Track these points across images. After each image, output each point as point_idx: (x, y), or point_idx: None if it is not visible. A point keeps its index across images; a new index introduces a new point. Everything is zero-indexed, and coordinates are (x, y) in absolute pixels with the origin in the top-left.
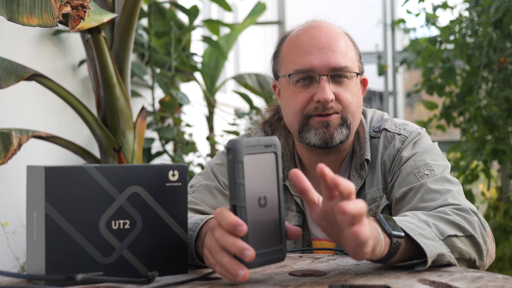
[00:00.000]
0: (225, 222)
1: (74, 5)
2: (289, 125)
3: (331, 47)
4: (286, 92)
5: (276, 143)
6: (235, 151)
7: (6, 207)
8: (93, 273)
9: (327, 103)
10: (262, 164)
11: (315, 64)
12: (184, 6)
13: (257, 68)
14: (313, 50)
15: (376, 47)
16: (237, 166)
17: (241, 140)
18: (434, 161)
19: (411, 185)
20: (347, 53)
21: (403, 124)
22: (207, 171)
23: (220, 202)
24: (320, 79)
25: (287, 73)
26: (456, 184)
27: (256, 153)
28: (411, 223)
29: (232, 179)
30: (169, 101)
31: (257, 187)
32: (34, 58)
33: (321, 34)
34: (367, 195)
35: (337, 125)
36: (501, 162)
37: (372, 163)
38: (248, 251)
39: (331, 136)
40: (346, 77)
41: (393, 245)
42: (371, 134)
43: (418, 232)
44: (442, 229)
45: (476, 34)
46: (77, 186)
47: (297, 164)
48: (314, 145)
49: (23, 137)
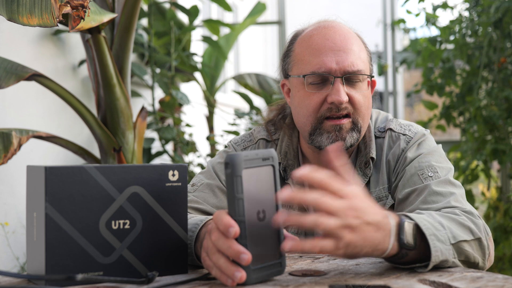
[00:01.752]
0: (220, 223)
1: (74, 5)
2: (300, 126)
3: (345, 49)
4: (299, 93)
5: (273, 155)
6: (234, 166)
7: (6, 207)
8: (93, 273)
9: (341, 104)
10: (260, 177)
11: (331, 66)
12: (184, 6)
13: (257, 68)
14: (328, 52)
15: (376, 47)
16: (236, 180)
17: (239, 154)
18: (438, 163)
19: (414, 186)
20: (360, 56)
21: (408, 125)
22: (208, 170)
23: (221, 200)
24: (334, 81)
25: (301, 73)
26: (459, 187)
27: (254, 166)
28: (428, 221)
29: (231, 194)
30: (169, 101)
31: (256, 201)
32: (34, 58)
33: (336, 35)
34: (372, 194)
35: (348, 129)
36: (501, 162)
37: (377, 163)
38: (244, 255)
39: (343, 140)
40: (359, 80)
41: (401, 253)
42: (376, 134)
43: (432, 232)
44: (455, 233)
45: (476, 34)
46: (77, 186)
47: (301, 162)
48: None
49: (23, 137)
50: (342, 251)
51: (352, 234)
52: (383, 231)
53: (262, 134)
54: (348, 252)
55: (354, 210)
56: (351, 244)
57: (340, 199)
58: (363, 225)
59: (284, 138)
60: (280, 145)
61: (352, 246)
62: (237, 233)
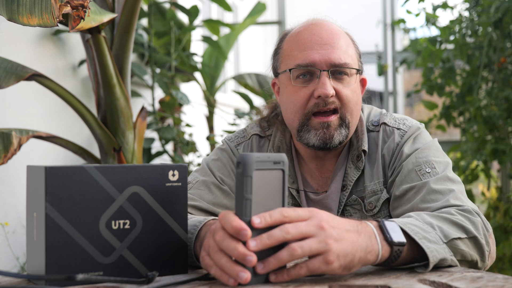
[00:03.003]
0: (228, 225)
1: (74, 5)
2: (289, 123)
3: (332, 43)
4: (286, 89)
5: (284, 160)
6: (245, 166)
7: (6, 207)
8: (93, 273)
9: (328, 98)
10: (270, 180)
11: (316, 59)
12: (184, 6)
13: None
14: (314, 45)
15: (376, 47)
16: (246, 180)
17: (252, 154)
18: (436, 157)
19: (412, 183)
20: (347, 51)
21: (402, 119)
22: (203, 167)
23: (217, 197)
24: (320, 74)
25: (288, 68)
26: (458, 183)
27: (265, 169)
28: (416, 225)
29: (239, 193)
30: (169, 101)
31: (264, 203)
32: (34, 58)
33: (322, 30)
34: (367, 188)
35: (336, 125)
36: (501, 162)
37: (371, 156)
38: (250, 257)
39: (331, 137)
40: (346, 74)
41: (393, 253)
42: (369, 127)
43: (422, 236)
44: (447, 232)
45: (476, 34)
46: (77, 186)
47: (294, 157)
48: (313, 145)
49: (23, 137)
50: (336, 264)
51: (338, 243)
52: (366, 234)
53: (255, 130)
54: (342, 263)
55: (327, 222)
56: (342, 253)
57: (306, 220)
58: (343, 232)
59: (277, 134)
60: (273, 140)
61: (343, 254)
62: (248, 235)
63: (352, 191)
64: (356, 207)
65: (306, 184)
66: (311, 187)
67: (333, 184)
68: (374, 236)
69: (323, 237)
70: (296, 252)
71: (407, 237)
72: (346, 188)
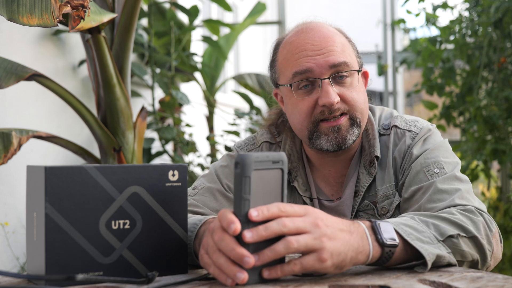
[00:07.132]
0: (224, 220)
1: (74, 5)
2: (298, 133)
3: (327, 47)
4: (290, 101)
5: (283, 159)
6: (244, 166)
7: (6, 207)
8: (93, 273)
9: (333, 105)
10: (269, 180)
11: (314, 67)
12: (184, 6)
13: (257, 68)
14: (309, 52)
15: (376, 47)
16: (244, 180)
17: (250, 155)
18: (444, 158)
19: (420, 184)
20: (344, 50)
21: (413, 121)
22: (211, 173)
23: (222, 204)
24: (322, 83)
25: (287, 82)
26: (465, 182)
27: (264, 169)
28: (409, 226)
29: (238, 193)
30: (169, 101)
31: (262, 203)
32: (34, 58)
33: (315, 36)
34: (378, 192)
35: (347, 126)
36: (501, 162)
37: (383, 160)
38: (248, 258)
39: (343, 140)
40: (347, 75)
41: (385, 254)
42: (381, 131)
43: (415, 237)
44: (443, 229)
45: (476, 34)
46: (77, 186)
47: (305, 164)
48: (327, 150)
49: (23, 137)
50: (329, 262)
51: (332, 242)
52: (357, 234)
53: (266, 137)
54: (335, 262)
55: (321, 220)
56: (335, 251)
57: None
58: (337, 231)
59: (287, 141)
60: (283, 148)
61: (337, 253)
62: (237, 230)
63: (364, 196)
64: (369, 212)
65: (319, 191)
66: (325, 194)
67: (347, 191)
68: (366, 237)
69: (318, 235)
70: (292, 245)
71: (400, 238)
72: (358, 194)
